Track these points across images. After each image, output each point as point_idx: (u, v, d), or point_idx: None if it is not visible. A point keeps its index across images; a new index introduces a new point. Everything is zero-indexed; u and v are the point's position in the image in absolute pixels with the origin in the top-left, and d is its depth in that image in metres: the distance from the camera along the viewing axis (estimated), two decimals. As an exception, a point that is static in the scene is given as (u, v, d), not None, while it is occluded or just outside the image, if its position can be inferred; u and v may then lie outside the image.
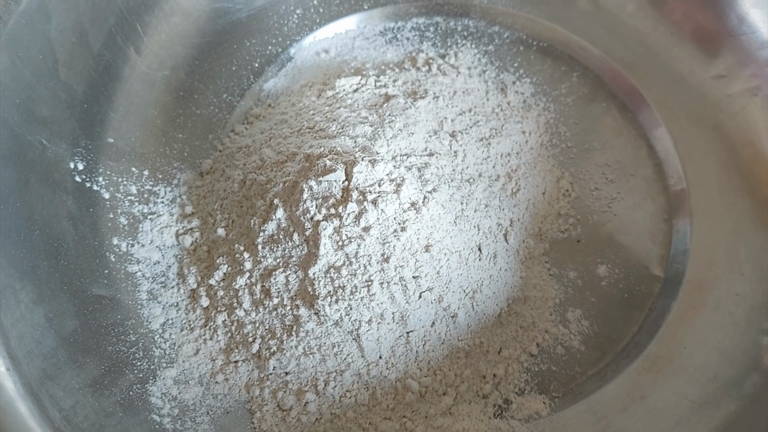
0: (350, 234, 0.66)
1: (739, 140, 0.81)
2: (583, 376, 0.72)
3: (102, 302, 0.68)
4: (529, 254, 0.77)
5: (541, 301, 0.75)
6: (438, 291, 0.69)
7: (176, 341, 0.70)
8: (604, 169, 0.83)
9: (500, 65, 0.90)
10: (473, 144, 0.80)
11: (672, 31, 0.88)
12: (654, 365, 0.71)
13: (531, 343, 0.73)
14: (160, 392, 0.66)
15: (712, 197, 0.80)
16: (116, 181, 0.76)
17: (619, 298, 0.76)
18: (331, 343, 0.67)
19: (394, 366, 0.68)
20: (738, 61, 0.83)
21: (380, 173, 0.68)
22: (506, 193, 0.78)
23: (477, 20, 0.93)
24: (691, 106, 0.84)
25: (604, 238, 0.79)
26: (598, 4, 0.91)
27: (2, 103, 0.65)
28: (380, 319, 0.67)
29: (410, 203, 0.68)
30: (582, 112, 0.87)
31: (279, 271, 0.68)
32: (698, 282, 0.75)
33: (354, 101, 0.82)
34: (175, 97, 0.83)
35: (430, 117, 0.81)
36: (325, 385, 0.67)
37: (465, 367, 0.70)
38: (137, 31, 0.80)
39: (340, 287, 0.66)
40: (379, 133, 0.76)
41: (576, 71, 0.89)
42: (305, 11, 0.92)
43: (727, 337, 0.71)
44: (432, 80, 0.85)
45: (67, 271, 0.66)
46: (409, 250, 0.67)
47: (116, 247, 0.72)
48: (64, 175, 0.71)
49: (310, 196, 0.67)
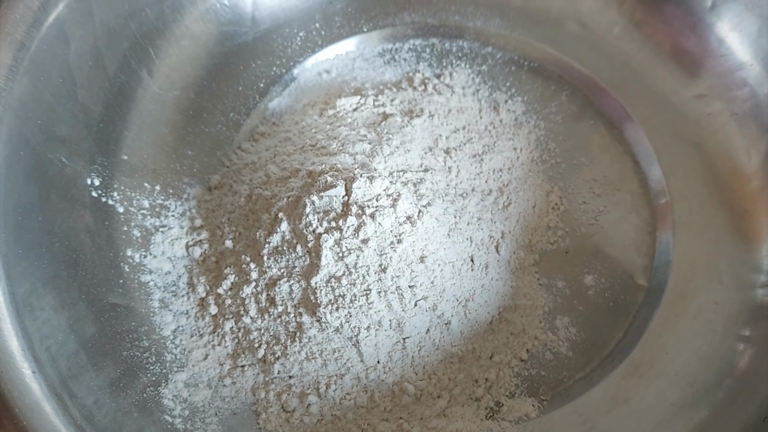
0: (350, 246, 0.70)
1: (719, 156, 0.85)
2: (570, 380, 0.76)
3: (117, 310, 0.72)
4: (520, 265, 0.81)
5: (531, 309, 0.79)
6: (432, 299, 0.72)
7: (186, 347, 0.74)
8: (591, 184, 0.87)
9: (493, 85, 0.94)
10: (467, 160, 0.84)
11: (656, 53, 0.91)
12: (637, 370, 0.75)
13: (521, 349, 0.77)
14: (172, 394, 0.70)
15: (693, 211, 0.83)
16: (130, 196, 0.80)
17: (605, 307, 0.79)
18: (332, 349, 0.71)
19: (391, 370, 0.72)
20: (718, 81, 0.87)
21: (378, 189, 0.72)
22: (498, 207, 0.82)
23: (471, 42, 0.97)
24: (674, 123, 0.88)
25: (591, 249, 0.83)
26: (586, 26, 0.95)
27: (25, 124, 0.69)
28: (378, 325, 0.71)
29: (406, 217, 0.72)
30: (571, 130, 0.90)
31: (283, 280, 0.72)
32: (680, 291, 0.79)
33: (353, 120, 0.86)
34: (185, 116, 0.87)
35: (426, 134, 0.85)
36: (327, 388, 0.71)
37: (458, 372, 0.74)
38: (150, 55, 0.84)
39: (341, 296, 0.69)
40: (377, 150, 0.80)
41: (565, 90, 0.93)
42: (308, 34, 0.96)
43: (706, 343, 0.75)
44: (428, 99, 0.89)
45: (84, 280, 0.71)
46: (405, 261, 0.71)
47: (130, 258, 0.77)
48: (82, 191, 0.75)
49: (312, 210, 0.71)
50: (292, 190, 0.75)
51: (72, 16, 0.74)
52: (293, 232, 0.72)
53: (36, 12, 0.71)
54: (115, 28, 0.80)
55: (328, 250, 0.69)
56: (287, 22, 0.95)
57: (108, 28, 0.79)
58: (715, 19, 0.87)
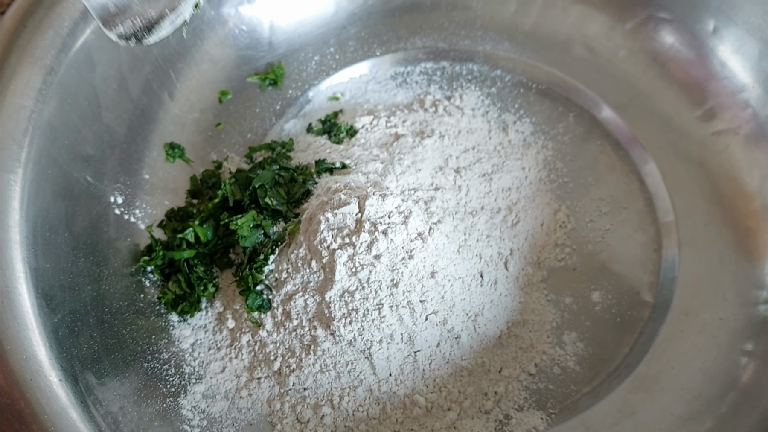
0: (363, 261, 0.72)
1: (723, 176, 0.87)
2: (577, 394, 0.77)
3: (138, 323, 0.75)
4: (528, 281, 0.83)
5: (539, 325, 0.81)
6: (443, 314, 0.75)
7: (204, 359, 0.76)
8: (598, 203, 0.89)
9: (502, 106, 0.96)
10: (476, 179, 0.86)
11: (661, 75, 0.94)
12: (643, 384, 0.76)
13: (529, 363, 0.78)
14: (190, 405, 0.72)
15: (698, 229, 0.85)
16: (151, 214, 0.83)
17: (612, 322, 0.81)
18: (345, 361, 0.73)
19: (402, 383, 0.74)
20: (721, 102, 0.89)
21: (390, 206, 0.75)
22: (507, 225, 0.85)
23: (480, 65, 0.99)
24: (679, 144, 0.90)
25: (598, 266, 0.84)
26: (593, 50, 0.97)
27: (53, 144, 0.72)
28: (390, 339, 0.73)
29: (417, 233, 0.74)
30: (578, 150, 0.92)
31: (298, 295, 0.74)
32: (685, 307, 0.80)
33: (366, 140, 0.89)
34: (204, 137, 0.91)
35: (437, 154, 0.87)
36: (340, 400, 0.73)
37: (468, 385, 0.76)
38: (171, 78, 0.88)
39: (354, 310, 0.72)
40: (389, 169, 0.83)
41: (572, 112, 0.95)
42: (322, 58, 0.99)
43: (711, 358, 0.76)
44: (438, 120, 0.92)
45: (108, 294, 0.73)
46: (416, 277, 0.73)
47: (150, 274, 0.79)
48: (106, 208, 0.78)
49: (326, 227, 0.74)
50: (307, 207, 0.77)
51: (98, 42, 0.77)
52: (308, 248, 0.74)
53: (64, 38, 0.74)
54: (138, 53, 0.83)
55: (342, 265, 0.72)
56: (303, 46, 0.99)
57: (131, 53, 0.83)
58: (717, 42, 0.90)
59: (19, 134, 0.68)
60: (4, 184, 0.64)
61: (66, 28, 0.75)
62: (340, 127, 0.91)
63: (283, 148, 0.90)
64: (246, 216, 0.78)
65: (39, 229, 0.67)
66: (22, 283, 0.61)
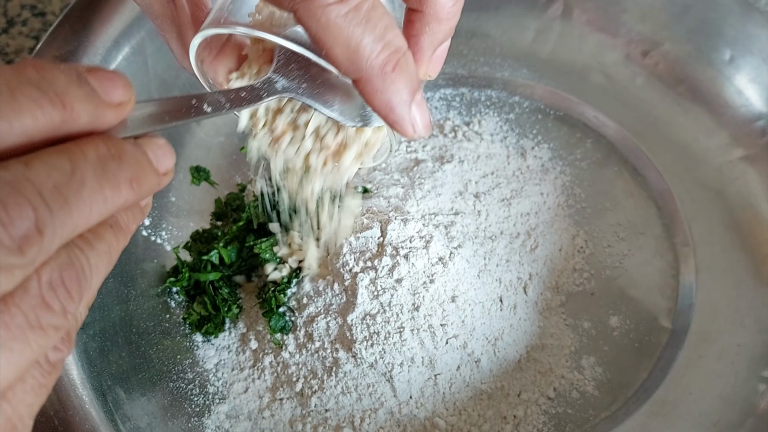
0: (384, 285, 0.74)
1: (739, 203, 0.87)
2: (596, 419, 0.78)
3: (164, 343, 0.76)
4: (547, 306, 0.84)
5: (558, 349, 0.81)
6: (463, 338, 0.76)
7: (228, 380, 0.78)
8: (616, 228, 0.90)
9: (520, 132, 0.98)
10: (495, 204, 0.88)
11: (678, 103, 0.95)
12: (662, 409, 0.77)
13: (548, 387, 0.79)
14: (214, 425, 0.74)
15: (715, 255, 0.86)
16: (176, 236, 0.85)
17: (630, 347, 0.82)
18: (367, 384, 0.74)
19: (423, 405, 0.75)
20: (737, 130, 0.90)
21: (411, 231, 0.76)
22: (526, 250, 0.86)
23: (499, 91, 1.01)
24: (696, 171, 0.91)
25: (616, 291, 0.85)
26: (610, 77, 0.99)
27: (85, 168, 0.75)
28: (411, 362, 0.74)
29: (438, 258, 0.76)
30: (596, 176, 0.94)
31: (320, 317, 0.76)
32: (703, 333, 0.81)
33: (387, 165, 0.91)
34: (228, 161, 0.92)
35: (456, 179, 0.89)
36: (361, 422, 0.74)
37: (487, 408, 0.77)
38: (197, 103, 0.90)
39: (375, 333, 0.73)
40: (409, 194, 0.84)
41: (590, 138, 0.97)
42: (344, 83, 1.01)
43: (729, 384, 0.76)
44: (458, 146, 0.94)
45: (135, 314, 0.75)
46: (437, 300, 0.74)
47: (176, 295, 0.81)
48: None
49: (349, 250, 0.75)
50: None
51: (129, 69, 0.80)
52: (331, 270, 0.76)
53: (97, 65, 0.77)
54: (167, 79, 0.86)
55: (364, 288, 0.73)
56: (325, 72, 1.01)
57: (161, 78, 0.85)
58: (734, 71, 0.91)
59: (54, 158, 0.70)
60: (39, 207, 0.66)
61: (99, 55, 0.77)
62: (362, 151, 0.92)
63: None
64: (270, 239, 0.80)
65: (71, 250, 0.69)
66: (55, 303, 0.63)
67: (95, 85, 0.33)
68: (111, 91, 0.33)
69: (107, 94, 0.33)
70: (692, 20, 0.93)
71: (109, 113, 0.33)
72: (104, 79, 0.33)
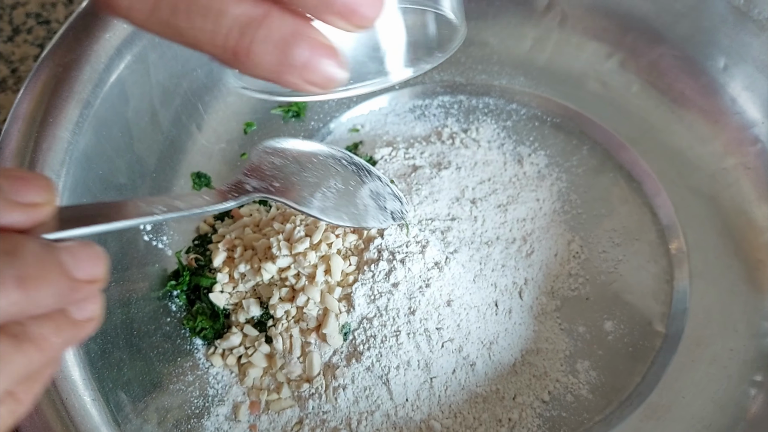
0: (381, 289, 0.75)
1: (733, 209, 0.88)
2: (590, 422, 0.78)
3: (165, 346, 0.78)
4: (542, 310, 0.85)
5: (553, 353, 0.82)
6: (458, 341, 0.77)
7: (227, 383, 0.79)
8: (611, 234, 0.91)
9: (517, 139, 0.99)
10: (492, 210, 0.89)
11: (672, 110, 0.96)
12: (655, 413, 0.78)
13: (543, 390, 0.80)
14: (214, 427, 0.75)
15: (709, 261, 0.87)
16: (177, 241, 0.86)
17: (624, 352, 0.82)
18: (364, 386, 0.75)
19: (418, 408, 0.76)
20: (731, 137, 0.91)
21: (408, 236, 0.77)
22: (521, 255, 0.87)
23: (497, 99, 1.02)
24: (690, 177, 0.92)
25: (611, 296, 0.86)
26: (606, 85, 1.00)
27: (88, 174, 0.76)
28: (407, 365, 0.75)
29: (434, 263, 0.77)
30: (591, 182, 0.95)
31: (318, 321, 0.77)
32: (696, 338, 0.82)
33: (386, 171, 0.92)
34: (230, 167, 0.94)
35: (453, 185, 0.90)
36: (358, 424, 0.75)
37: (483, 411, 0.78)
38: (198, 110, 0.92)
39: (372, 336, 0.74)
40: (407, 199, 0.86)
41: (586, 145, 0.98)
42: (344, 91, 1.03)
43: (722, 388, 0.77)
44: (455, 152, 0.95)
45: (136, 317, 0.76)
46: (433, 305, 0.76)
47: (176, 298, 0.82)
48: (135, 235, 0.81)
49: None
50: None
51: (132, 77, 0.81)
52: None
53: (101, 73, 0.78)
54: (168, 87, 0.87)
55: (361, 292, 0.75)
56: (325, 80, 1.02)
57: (163, 86, 0.86)
58: (728, 79, 0.92)
59: (57, 164, 0.72)
60: (43, 212, 0.68)
61: (102, 63, 0.79)
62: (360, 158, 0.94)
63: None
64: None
65: (74, 255, 0.70)
66: (57, 306, 0.64)
67: (4, 184, 0.32)
68: (22, 191, 0.33)
69: (17, 194, 0.33)
70: (686, 28, 0.94)
71: (17, 213, 0.32)
72: (16, 179, 0.33)
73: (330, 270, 0.75)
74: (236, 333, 0.79)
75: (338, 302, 0.74)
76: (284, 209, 0.83)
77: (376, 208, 0.70)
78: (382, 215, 0.71)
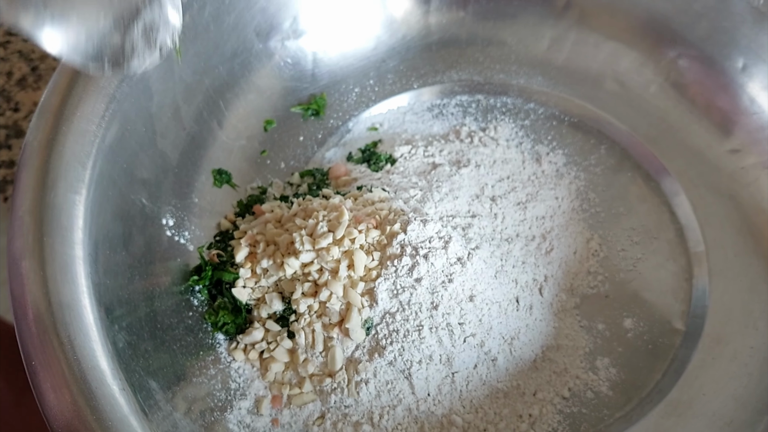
0: (404, 284, 0.75)
1: (752, 208, 0.89)
2: (610, 419, 0.79)
3: (187, 340, 0.78)
4: (562, 307, 0.85)
5: (573, 350, 0.83)
6: (480, 337, 0.77)
7: (249, 377, 0.79)
8: (630, 232, 0.91)
9: (535, 138, 0.99)
10: (511, 207, 0.89)
11: (691, 110, 0.97)
12: (675, 410, 0.78)
13: (563, 387, 0.80)
14: (236, 420, 0.75)
15: (728, 259, 0.87)
16: (198, 236, 0.87)
17: (644, 349, 0.83)
18: (386, 380, 0.76)
19: (440, 403, 0.77)
20: (750, 137, 0.92)
21: (430, 231, 0.78)
22: (541, 252, 0.87)
23: (515, 98, 1.03)
24: (709, 176, 0.92)
25: (630, 294, 0.86)
26: (624, 84, 1.01)
27: (113, 167, 0.76)
28: (429, 360, 0.75)
29: (456, 258, 0.77)
30: (610, 181, 0.95)
31: (341, 315, 0.77)
32: (716, 335, 0.82)
33: (405, 168, 0.93)
34: (250, 163, 0.95)
35: (473, 183, 0.91)
36: (380, 418, 0.76)
37: (503, 407, 0.78)
38: (220, 107, 0.92)
39: (395, 331, 0.75)
40: (427, 196, 0.86)
41: (604, 144, 0.98)
42: (362, 90, 1.03)
43: (742, 385, 0.77)
44: (474, 151, 0.95)
45: (159, 311, 0.77)
46: (455, 300, 0.76)
47: (198, 293, 0.83)
48: (158, 230, 0.82)
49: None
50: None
51: (156, 73, 0.82)
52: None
53: (126, 69, 0.79)
54: (191, 84, 0.88)
55: (384, 287, 0.75)
56: (344, 78, 1.03)
57: (185, 83, 0.87)
58: (746, 79, 0.92)
59: (84, 157, 0.72)
60: (70, 203, 0.68)
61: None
62: (380, 156, 0.94)
63: (323, 175, 0.94)
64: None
65: (100, 247, 0.70)
66: (86, 296, 0.64)
67: None
68: None
69: None
70: (705, 29, 0.94)
71: None
72: None
73: (353, 265, 0.75)
74: (258, 328, 0.79)
75: (361, 297, 0.75)
76: (306, 205, 0.83)
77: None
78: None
